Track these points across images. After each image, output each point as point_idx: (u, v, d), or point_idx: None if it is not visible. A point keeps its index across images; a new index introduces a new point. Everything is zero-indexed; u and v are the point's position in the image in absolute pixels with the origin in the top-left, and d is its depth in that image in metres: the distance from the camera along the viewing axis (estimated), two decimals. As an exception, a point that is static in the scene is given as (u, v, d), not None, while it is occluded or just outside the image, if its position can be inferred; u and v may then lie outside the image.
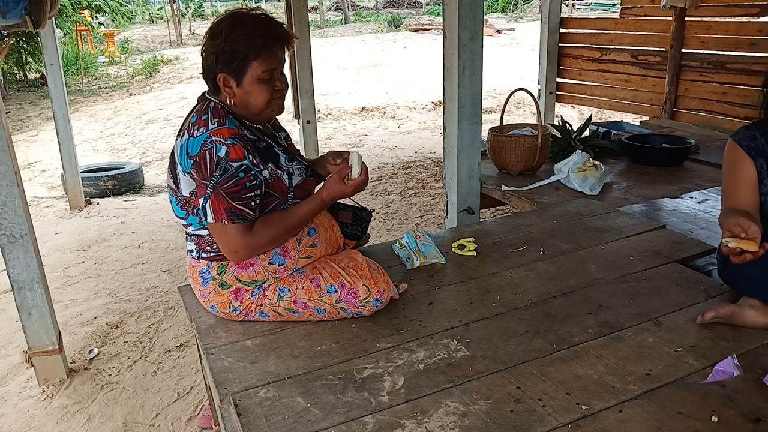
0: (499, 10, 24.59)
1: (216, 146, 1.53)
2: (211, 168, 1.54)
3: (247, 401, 1.37)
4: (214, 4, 30.67)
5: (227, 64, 1.59)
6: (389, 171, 5.62)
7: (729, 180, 1.74)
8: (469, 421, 1.28)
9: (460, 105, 2.54)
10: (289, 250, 1.71)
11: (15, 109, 9.62)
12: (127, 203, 5.14)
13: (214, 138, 1.54)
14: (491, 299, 1.81)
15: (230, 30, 1.58)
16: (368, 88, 9.81)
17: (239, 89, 1.61)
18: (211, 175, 1.54)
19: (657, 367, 1.45)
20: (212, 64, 1.61)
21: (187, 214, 1.67)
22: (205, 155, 1.54)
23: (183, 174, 1.61)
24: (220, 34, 1.59)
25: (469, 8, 2.41)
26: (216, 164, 1.53)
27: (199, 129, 1.57)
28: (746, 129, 1.73)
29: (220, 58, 1.59)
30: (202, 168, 1.55)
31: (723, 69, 4.65)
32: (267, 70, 1.60)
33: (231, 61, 1.58)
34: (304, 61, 5.02)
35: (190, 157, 1.56)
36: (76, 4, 11.69)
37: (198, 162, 1.55)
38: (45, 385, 2.54)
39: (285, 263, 1.71)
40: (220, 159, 1.53)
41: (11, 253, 2.37)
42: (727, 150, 1.76)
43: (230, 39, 1.57)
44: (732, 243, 1.48)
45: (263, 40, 1.58)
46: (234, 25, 1.59)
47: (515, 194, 2.90)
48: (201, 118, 1.59)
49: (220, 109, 1.62)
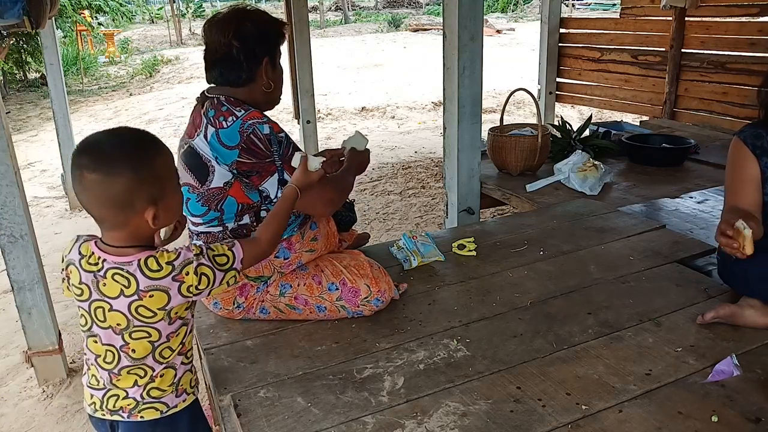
0: (499, 10, 24.60)
1: (257, 126, 1.56)
2: (266, 146, 1.56)
3: (247, 401, 1.37)
4: (214, 4, 30.63)
5: (269, 46, 1.65)
6: (389, 171, 5.62)
7: (732, 178, 1.73)
8: (469, 421, 1.28)
9: (460, 105, 2.54)
10: (294, 243, 1.71)
11: (15, 109, 9.62)
12: (127, 203, 5.14)
13: (250, 121, 1.56)
14: (491, 299, 1.81)
15: (250, 15, 1.64)
16: (368, 88, 9.81)
17: (273, 73, 1.68)
18: (271, 151, 1.56)
19: (657, 367, 1.45)
20: (251, 52, 1.62)
21: (207, 209, 1.64)
22: (251, 138, 1.55)
23: (220, 165, 1.58)
24: (245, 19, 1.62)
25: (469, 8, 2.41)
26: (269, 141, 1.56)
27: (226, 119, 1.57)
28: (751, 127, 1.72)
29: (261, 42, 1.63)
30: (256, 150, 1.56)
31: (723, 69, 4.65)
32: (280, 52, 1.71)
33: (269, 43, 1.65)
34: (304, 61, 5.02)
35: (230, 147, 1.55)
36: (76, 4, 11.69)
37: (247, 147, 1.55)
38: (45, 385, 2.54)
39: (290, 257, 1.71)
40: (269, 135, 1.56)
41: (11, 253, 2.37)
42: (731, 148, 1.74)
43: (259, 22, 1.63)
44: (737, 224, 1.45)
45: (277, 24, 1.68)
46: (249, 12, 1.66)
47: (515, 194, 2.90)
48: (221, 110, 1.59)
49: (234, 101, 1.62)
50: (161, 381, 1.22)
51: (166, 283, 1.14)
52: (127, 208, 1.11)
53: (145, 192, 1.11)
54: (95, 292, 1.15)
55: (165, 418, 1.24)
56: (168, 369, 1.22)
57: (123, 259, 1.14)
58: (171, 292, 1.15)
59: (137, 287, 1.13)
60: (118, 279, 1.13)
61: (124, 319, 1.15)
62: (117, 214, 1.12)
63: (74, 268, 1.16)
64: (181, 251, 1.17)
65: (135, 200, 1.11)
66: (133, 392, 1.21)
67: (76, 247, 1.18)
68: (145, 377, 1.20)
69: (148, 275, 1.13)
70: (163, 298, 1.14)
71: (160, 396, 1.23)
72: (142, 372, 1.20)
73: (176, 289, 1.15)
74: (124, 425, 1.24)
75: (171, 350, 1.21)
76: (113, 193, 1.09)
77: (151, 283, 1.13)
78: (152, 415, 1.23)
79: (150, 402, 1.22)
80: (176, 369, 1.24)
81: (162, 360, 1.21)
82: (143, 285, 1.13)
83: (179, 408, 1.25)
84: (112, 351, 1.18)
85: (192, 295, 1.17)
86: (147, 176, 1.11)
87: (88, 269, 1.15)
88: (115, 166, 1.08)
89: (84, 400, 1.27)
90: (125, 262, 1.13)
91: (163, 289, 1.14)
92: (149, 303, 1.14)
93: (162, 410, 1.23)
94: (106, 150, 1.10)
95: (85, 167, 1.08)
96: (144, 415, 1.22)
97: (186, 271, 1.15)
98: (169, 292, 1.15)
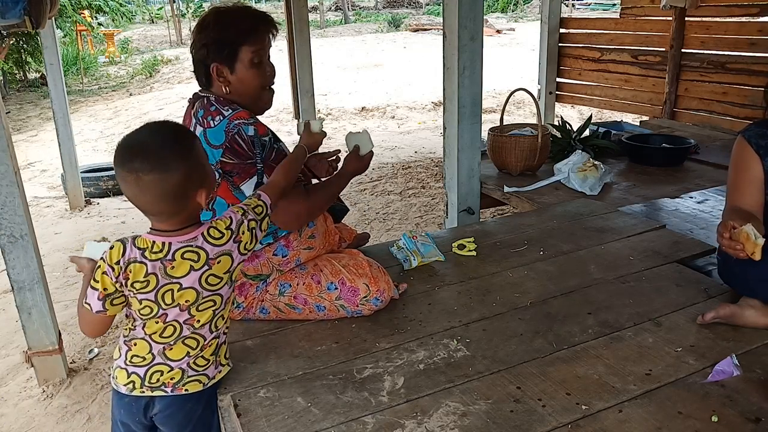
0: (499, 10, 24.59)
1: (242, 127, 1.56)
2: (248, 148, 1.57)
3: (247, 401, 1.37)
4: (214, 4, 30.67)
5: (218, 52, 1.61)
6: (389, 171, 5.62)
7: (735, 177, 1.72)
8: (469, 421, 1.28)
9: (460, 105, 2.54)
10: (292, 240, 1.72)
11: (15, 109, 9.62)
12: (127, 203, 5.12)
13: (236, 121, 1.57)
14: (491, 299, 1.81)
15: (216, 19, 1.62)
16: (368, 88, 9.81)
17: (233, 77, 1.64)
18: (253, 153, 1.57)
19: (657, 367, 1.45)
20: (204, 55, 1.63)
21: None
22: (236, 138, 1.56)
23: None
24: (208, 26, 1.62)
25: (469, 8, 2.41)
26: (252, 143, 1.57)
27: (214, 119, 1.58)
28: (757, 126, 1.70)
29: (210, 48, 1.62)
30: (239, 151, 1.56)
31: (723, 69, 4.65)
32: (256, 52, 1.63)
33: (222, 49, 1.61)
34: (304, 61, 5.02)
35: (215, 146, 1.56)
36: (76, 4, 11.69)
37: (231, 147, 1.56)
38: (45, 385, 2.54)
39: (288, 254, 1.72)
40: (253, 137, 1.57)
41: (11, 253, 2.37)
42: (735, 147, 1.73)
43: (218, 27, 1.61)
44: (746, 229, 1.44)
45: (250, 23, 1.63)
46: (219, 14, 1.64)
47: (515, 194, 2.90)
48: (210, 109, 1.60)
49: (223, 100, 1.63)
50: (207, 351, 1.33)
51: (230, 246, 1.27)
52: (184, 197, 1.22)
53: (195, 179, 1.22)
54: (163, 277, 1.22)
55: (206, 392, 1.35)
56: (215, 339, 1.33)
57: (187, 236, 1.24)
58: (234, 254, 1.28)
59: (207, 257, 1.24)
60: (188, 256, 1.23)
61: (193, 294, 1.25)
62: (175, 205, 1.21)
63: (137, 265, 1.21)
64: (231, 215, 1.30)
65: (189, 189, 1.22)
66: (181, 363, 1.30)
67: (129, 247, 1.23)
68: (197, 348, 1.30)
69: (214, 243, 1.25)
70: (228, 261, 1.27)
71: (204, 367, 1.33)
72: (194, 342, 1.30)
73: (237, 249, 1.29)
74: (164, 400, 1.30)
75: (223, 319, 1.34)
76: (170, 187, 1.18)
77: (217, 250, 1.26)
78: (196, 388, 1.33)
79: (194, 374, 1.32)
80: (219, 338, 1.35)
81: (215, 329, 1.32)
82: (212, 253, 1.25)
83: (216, 379, 1.37)
84: (174, 325, 1.27)
85: (247, 252, 1.31)
86: (194, 165, 1.22)
87: (154, 258, 1.22)
88: (169, 164, 1.17)
89: (116, 382, 1.31)
90: (191, 239, 1.24)
91: (228, 252, 1.27)
92: (217, 269, 1.26)
93: (204, 383, 1.34)
94: (154, 150, 1.18)
95: (139, 170, 1.16)
96: (188, 387, 1.32)
97: (242, 230, 1.29)
98: (233, 255, 1.28)
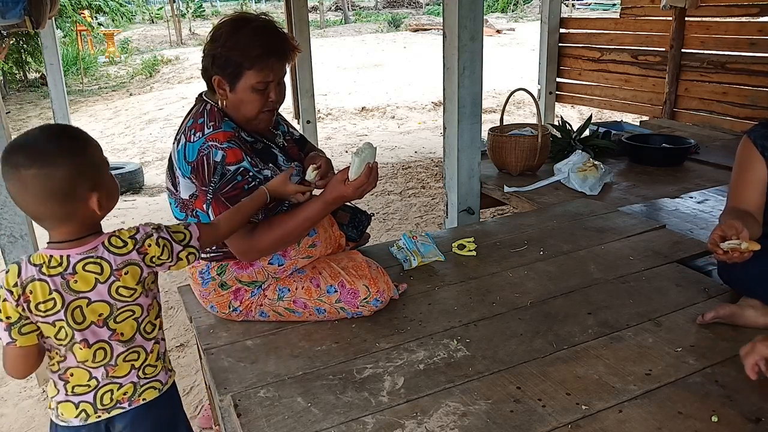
0: (499, 10, 24.59)
1: (212, 151, 1.53)
2: (208, 173, 1.54)
3: (247, 401, 1.37)
4: (214, 4, 30.69)
5: (222, 68, 1.58)
6: (389, 171, 5.62)
7: (737, 178, 1.71)
8: (469, 421, 1.28)
9: (460, 105, 2.54)
10: (289, 250, 1.71)
11: (15, 109, 9.62)
12: (126, 203, 5.13)
13: (210, 143, 1.54)
14: (491, 299, 1.81)
15: (229, 35, 1.57)
16: (368, 88, 9.81)
17: (232, 94, 1.60)
18: (210, 180, 1.54)
19: (657, 367, 1.45)
20: (209, 65, 1.61)
21: (186, 216, 1.67)
22: (203, 161, 1.54)
23: (182, 177, 1.61)
24: (219, 38, 1.58)
25: (469, 8, 2.41)
26: (213, 170, 1.53)
27: (195, 133, 1.56)
28: (762, 127, 1.69)
29: (215, 62, 1.59)
30: (200, 174, 1.55)
31: (723, 69, 4.65)
32: (261, 81, 1.58)
33: (226, 67, 1.58)
34: (304, 61, 5.02)
35: (188, 162, 1.56)
36: (76, 4, 11.70)
37: (196, 168, 1.55)
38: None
39: (285, 263, 1.71)
40: (217, 164, 1.53)
41: (11, 253, 2.37)
42: (740, 147, 1.72)
43: (228, 45, 1.56)
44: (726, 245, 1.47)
45: (260, 51, 1.56)
46: (234, 31, 1.58)
47: (515, 194, 2.90)
48: (197, 121, 1.59)
49: (216, 112, 1.61)
50: (152, 357, 1.27)
51: (134, 256, 1.19)
52: (70, 198, 1.12)
53: (84, 180, 1.13)
54: (67, 294, 1.14)
55: (163, 396, 1.30)
56: (155, 344, 1.28)
57: (86, 247, 1.16)
58: (141, 265, 1.20)
59: (111, 268, 1.16)
60: (90, 268, 1.15)
61: (106, 307, 1.17)
62: (61, 206, 1.12)
63: (36, 283, 1.12)
64: (139, 227, 1.22)
65: (77, 189, 1.12)
66: (130, 377, 1.24)
67: (25, 266, 1.14)
68: (140, 358, 1.25)
69: (116, 252, 1.17)
70: (137, 271, 1.19)
71: (154, 373, 1.28)
72: (135, 355, 1.24)
73: (142, 261, 1.20)
74: (125, 416, 1.25)
75: (152, 324, 1.26)
76: (54, 185, 1.09)
77: (121, 260, 1.17)
78: (152, 395, 1.28)
79: (147, 383, 1.27)
80: (159, 343, 1.29)
81: (147, 336, 1.25)
82: (116, 263, 1.16)
83: (169, 384, 1.32)
84: (102, 346, 1.20)
85: (155, 265, 1.22)
86: (83, 164, 1.13)
87: (53, 273, 1.13)
88: (53, 159, 1.09)
89: (62, 418, 1.23)
90: (90, 249, 1.16)
91: (134, 262, 1.19)
92: (126, 280, 1.18)
93: (159, 388, 1.29)
94: (39, 145, 1.11)
95: (21, 165, 1.08)
96: (145, 396, 1.27)
97: (148, 243, 1.20)
98: (140, 264, 1.20)
